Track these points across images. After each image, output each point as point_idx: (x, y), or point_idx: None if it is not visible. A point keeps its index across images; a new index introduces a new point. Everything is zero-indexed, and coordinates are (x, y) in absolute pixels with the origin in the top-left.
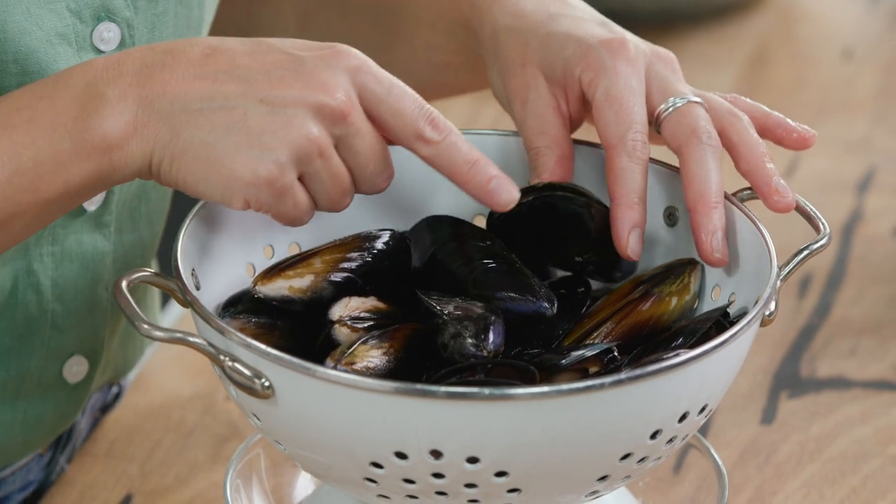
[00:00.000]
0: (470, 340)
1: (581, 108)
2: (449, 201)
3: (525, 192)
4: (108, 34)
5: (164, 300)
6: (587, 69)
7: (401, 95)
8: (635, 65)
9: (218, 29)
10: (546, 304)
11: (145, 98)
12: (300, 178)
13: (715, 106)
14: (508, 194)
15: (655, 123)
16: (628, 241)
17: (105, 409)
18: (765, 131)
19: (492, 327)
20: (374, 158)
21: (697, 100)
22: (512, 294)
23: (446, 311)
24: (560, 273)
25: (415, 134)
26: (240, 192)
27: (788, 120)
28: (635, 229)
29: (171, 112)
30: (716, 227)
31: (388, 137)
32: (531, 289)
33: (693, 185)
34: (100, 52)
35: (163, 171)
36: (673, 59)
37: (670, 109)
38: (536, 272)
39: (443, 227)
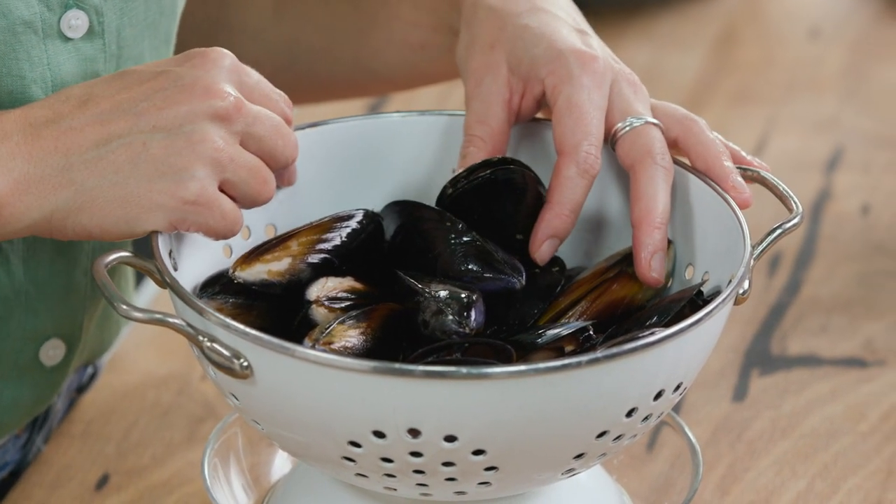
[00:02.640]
0: (452, 317)
1: (534, 108)
2: (417, 180)
3: (482, 165)
4: (75, 21)
5: (137, 281)
6: (552, 74)
7: (266, 84)
8: (601, 80)
9: (186, 19)
10: (514, 278)
11: (36, 155)
12: (220, 187)
13: (671, 112)
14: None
15: (611, 140)
16: (540, 247)
17: (81, 389)
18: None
19: (474, 306)
20: (279, 133)
21: (655, 122)
22: (480, 273)
23: (427, 290)
24: (499, 251)
25: (283, 117)
26: (165, 219)
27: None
28: (553, 239)
29: (67, 166)
30: (656, 247)
31: None
32: (497, 265)
33: (640, 203)
34: (67, 39)
35: (69, 223)
36: (638, 83)
37: (627, 128)
38: (503, 245)
39: (405, 212)
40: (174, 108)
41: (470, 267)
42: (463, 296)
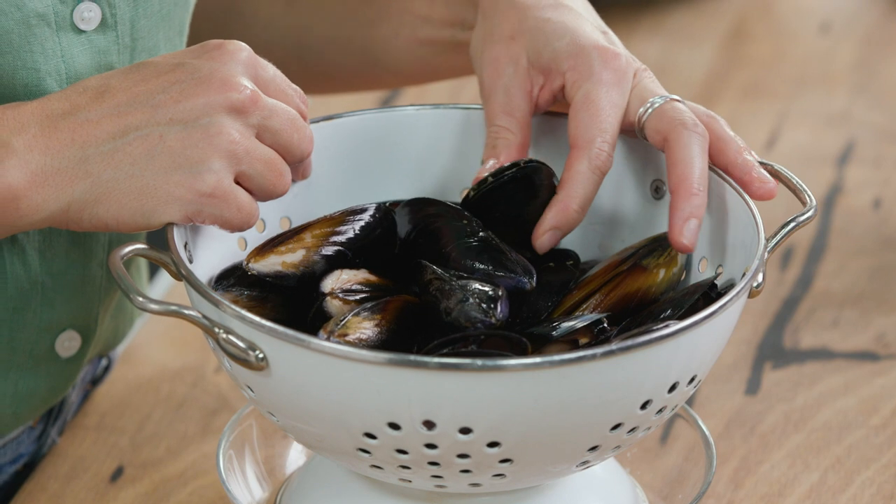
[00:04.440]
0: (478, 306)
1: (550, 100)
2: (431, 174)
3: (509, 165)
4: (88, 14)
5: (151, 274)
6: (574, 69)
7: (282, 78)
8: (622, 78)
9: (198, 7)
10: (524, 279)
11: (53, 148)
12: (235, 180)
13: (691, 108)
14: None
15: (638, 126)
16: (542, 236)
17: (95, 381)
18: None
19: (500, 300)
20: (295, 127)
21: (677, 97)
22: (490, 271)
23: (455, 278)
24: (512, 251)
25: (298, 111)
26: (181, 211)
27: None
28: (555, 230)
29: (83, 158)
30: (691, 213)
31: None
32: (509, 265)
33: (676, 169)
34: (80, 31)
35: (86, 215)
36: (656, 80)
37: (650, 108)
38: (517, 246)
39: (421, 209)
40: (191, 100)
41: (481, 265)
42: (489, 289)
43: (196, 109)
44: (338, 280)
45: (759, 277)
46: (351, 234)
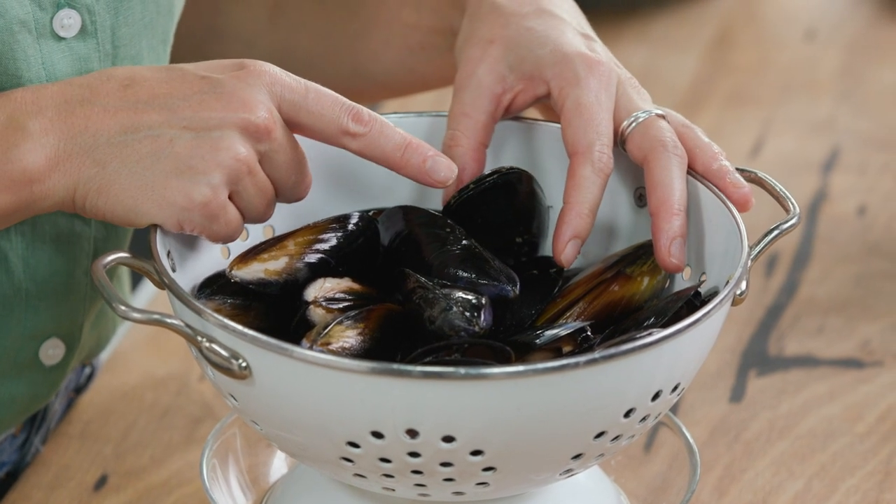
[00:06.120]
0: (461, 315)
1: (525, 105)
2: (415, 182)
3: (491, 171)
4: (68, 21)
5: (134, 282)
6: (559, 77)
7: (318, 97)
8: (607, 82)
9: (183, 23)
10: (508, 287)
11: (67, 132)
12: (229, 197)
13: (670, 117)
14: (447, 170)
15: (620, 139)
16: (565, 248)
17: (78, 389)
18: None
19: (483, 308)
20: (296, 170)
21: (661, 112)
22: (474, 279)
23: (438, 287)
24: (495, 259)
25: (339, 130)
26: (173, 217)
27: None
28: (575, 239)
29: (94, 146)
30: (676, 233)
31: (316, 139)
32: (492, 273)
33: (656, 191)
34: (60, 38)
35: (88, 203)
36: (640, 87)
37: (634, 123)
38: (499, 253)
39: (404, 217)
40: (208, 112)
41: (464, 273)
42: (472, 297)
43: (211, 121)
44: (321, 288)
45: (743, 285)
46: (334, 242)
